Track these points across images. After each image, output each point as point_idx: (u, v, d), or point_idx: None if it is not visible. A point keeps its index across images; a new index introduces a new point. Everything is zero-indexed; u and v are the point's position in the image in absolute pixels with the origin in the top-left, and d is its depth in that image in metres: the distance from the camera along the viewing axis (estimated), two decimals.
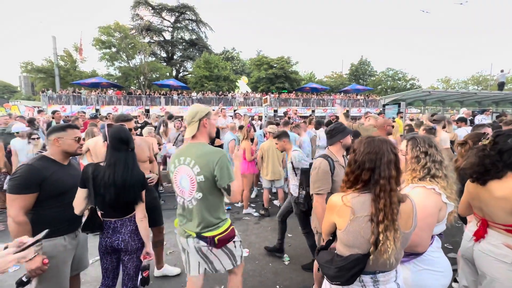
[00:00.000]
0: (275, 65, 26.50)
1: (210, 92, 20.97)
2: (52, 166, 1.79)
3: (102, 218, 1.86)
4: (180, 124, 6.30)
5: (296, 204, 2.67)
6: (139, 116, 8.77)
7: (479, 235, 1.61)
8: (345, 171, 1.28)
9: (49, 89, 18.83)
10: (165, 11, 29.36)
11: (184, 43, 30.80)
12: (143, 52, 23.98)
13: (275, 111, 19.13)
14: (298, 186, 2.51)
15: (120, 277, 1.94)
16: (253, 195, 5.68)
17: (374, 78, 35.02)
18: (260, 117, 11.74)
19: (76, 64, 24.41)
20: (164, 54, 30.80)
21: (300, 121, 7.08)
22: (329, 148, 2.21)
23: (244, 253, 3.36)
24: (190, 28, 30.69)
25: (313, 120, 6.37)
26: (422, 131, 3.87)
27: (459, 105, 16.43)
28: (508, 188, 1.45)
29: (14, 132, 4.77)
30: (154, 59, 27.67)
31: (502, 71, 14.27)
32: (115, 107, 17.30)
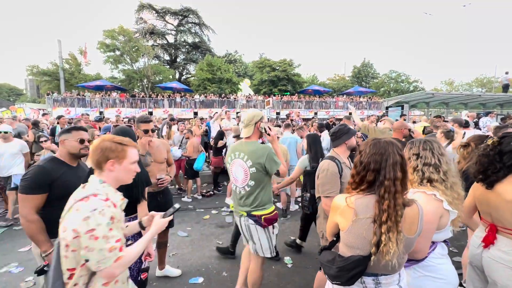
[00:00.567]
0: (278, 68, 26.60)
1: (213, 95, 21.07)
2: (62, 167, 1.83)
3: None
4: (184, 127, 6.35)
5: (302, 207, 2.65)
6: None
7: (488, 242, 1.55)
8: (351, 173, 1.28)
9: (54, 92, 19.06)
10: (169, 15, 29.71)
11: (187, 46, 31.08)
12: (147, 55, 24.23)
13: (278, 114, 19.16)
14: (302, 189, 2.49)
15: None
16: None
17: (377, 81, 34.98)
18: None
19: (81, 67, 24.72)
20: (168, 57, 31.10)
21: (302, 124, 7.09)
22: (335, 150, 2.19)
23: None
24: (193, 31, 31.00)
25: (315, 123, 6.36)
26: (440, 134, 3.80)
27: (463, 107, 16.31)
28: None
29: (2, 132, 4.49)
30: (158, 62, 27.93)
31: (507, 73, 14.14)
32: (119, 110, 17.44)
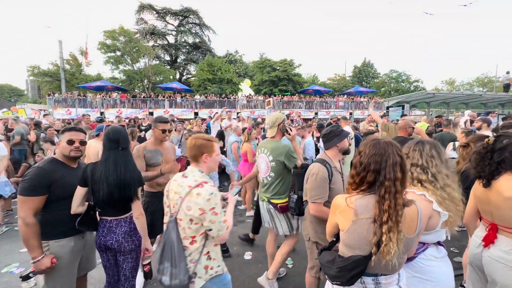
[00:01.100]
0: (278, 68, 26.61)
1: (213, 95, 21.09)
2: (61, 169, 1.82)
3: (99, 217, 1.88)
4: (181, 127, 6.37)
5: (288, 209, 2.52)
6: (144, 119, 8.86)
7: (489, 241, 1.55)
8: (350, 173, 1.28)
9: (56, 93, 19.11)
10: (169, 15, 29.75)
11: (188, 47, 31.12)
12: (147, 56, 24.28)
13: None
14: (290, 189, 2.43)
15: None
16: (256, 198, 5.67)
17: (378, 80, 34.94)
18: (263, 120, 11.74)
19: (82, 68, 24.78)
20: (168, 58, 31.15)
21: (303, 124, 7.07)
22: (326, 153, 2.13)
23: (248, 256, 3.35)
24: (194, 32, 31.04)
25: (314, 124, 6.34)
26: (461, 134, 3.76)
27: (464, 107, 16.27)
28: None
29: None
30: (158, 63, 27.99)
31: (508, 73, 14.11)
32: (120, 110, 17.48)
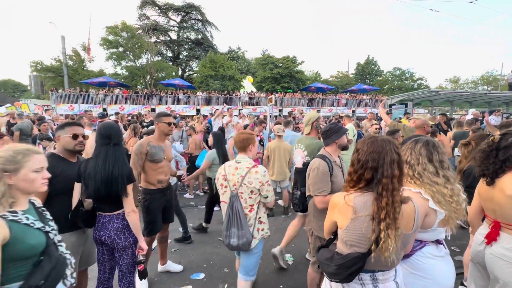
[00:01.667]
0: (280, 65, 26.45)
1: (215, 92, 21.05)
2: (61, 164, 1.84)
3: (97, 212, 1.89)
4: (183, 123, 6.43)
5: (292, 205, 2.64)
6: (146, 115, 8.88)
7: (491, 238, 1.57)
8: (348, 171, 1.29)
9: (59, 89, 19.17)
10: (172, 11, 29.60)
11: (190, 43, 30.99)
12: (150, 52, 24.22)
13: (280, 111, 19.09)
14: (293, 186, 2.48)
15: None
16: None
17: (381, 78, 34.65)
18: (265, 117, 11.73)
19: (84, 64, 24.80)
20: (170, 54, 31.06)
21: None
22: (325, 149, 2.20)
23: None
24: (196, 28, 30.87)
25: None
26: (472, 133, 3.80)
27: (468, 106, 16.10)
28: None
29: None
30: (160, 59, 27.92)
31: None
32: (122, 106, 17.52)
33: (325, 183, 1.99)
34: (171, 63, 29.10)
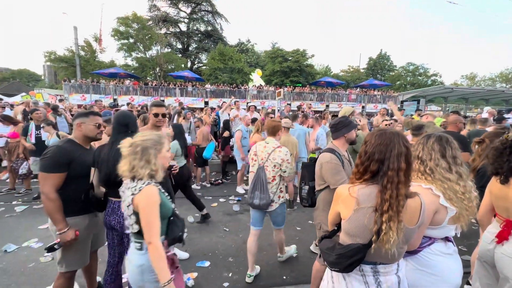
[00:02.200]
0: (290, 58, 26.10)
1: (224, 84, 21.02)
2: (79, 149, 1.92)
3: (108, 197, 1.95)
4: (190, 115, 6.49)
5: (300, 200, 2.58)
6: None
7: (503, 237, 1.54)
8: (355, 163, 1.29)
9: (72, 79, 19.57)
10: (182, 2, 29.49)
11: (200, 35, 30.91)
12: (160, 43, 24.30)
13: (289, 105, 18.92)
14: (300, 181, 2.46)
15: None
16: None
17: (393, 73, 33.76)
18: (273, 111, 11.68)
19: (96, 54, 25.15)
20: (180, 46, 31.10)
21: (316, 115, 7.00)
22: (334, 142, 2.17)
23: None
24: (206, 20, 30.71)
25: (327, 115, 6.26)
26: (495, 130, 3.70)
27: (484, 103, 15.54)
28: None
29: None
30: (170, 51, 28.00)
31: None
32: (132, 97, 17.74)
33: (342, 173, 1.98)
34: (181, 55, 29.19)
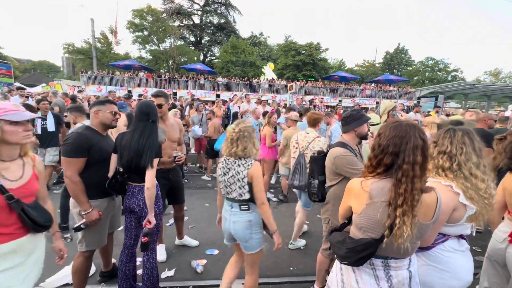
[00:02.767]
0: (303, 52, 25.62)
1: (236, 78, 20.98)
2: (96, 136, 2.02)
3: (128, 182, 2.04)
4: (202, 107, 6.56)
5: (309, 195, 2.51)
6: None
7: None
8: (368, 156, 1.26)
9: (88, 71, 20.14)
10: None
11: (213, 27, 30.81)
12: (173, 36, 24.45)
13: (301, 99, 18.69)
14: (309, 175, 2.39)
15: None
16: (273, 181, 5.76)
17: (411, 68, 32.49)
18: (285, 105, 11.60)
19: (112, 47, 25.67)
20: (193, 38, 31.17)
21: (328, 110, 6.90)
22: (343, 136, 2.10)
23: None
24: (219, 12, 30.51)
25: (339, 110, 6.16)
26: None
27: (508, 101, 14.73)
28: None
29: None
30: (183, 43, 28.14)
31: None
32: (145, 89, 18.05)
33: (360, 163, 1.94)
34: (193, 48, 29.27)
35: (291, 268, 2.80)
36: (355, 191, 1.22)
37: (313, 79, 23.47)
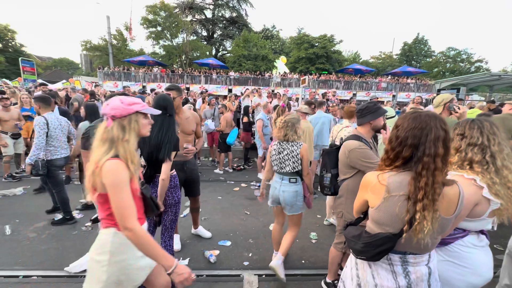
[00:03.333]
0: (317, 44, 25.07)
1: (248, 72, 20.91)
2: None
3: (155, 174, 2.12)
4: (215, 101, 6.60)
5: (321, 188, 2.44)
6: None
7: None
8: (385, 148, 1.22)
9: (105, 67, 20.76)
10: None
11: (225, 21, 30.74)
12: (186, 31, 24.65)
13: (314, 93, 18.40)
14: (321, 168, 2.35)
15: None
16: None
17: (431, 60, 30.98)
18: (297, 99, 11.45)
19: (127, 43, 26.25)
20: (205, 33, 31.27)
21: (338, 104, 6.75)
22: (358, 129, 2.05)
23: (272, 227, 3.52)
24: (231, 5, 30.35)
25: (354, 103, 5.99)
26: None
27: None
28: None
29: None
30: (195, 38, 28.31)
31: None
32: (159, 84, 18.42)
33: (375, 156, 1.91)
34: (206, 43, 29.38)
35: (303, 261, 2.82)
36: (372, 185, 1.19)
37: (327, 72, 22.95)
